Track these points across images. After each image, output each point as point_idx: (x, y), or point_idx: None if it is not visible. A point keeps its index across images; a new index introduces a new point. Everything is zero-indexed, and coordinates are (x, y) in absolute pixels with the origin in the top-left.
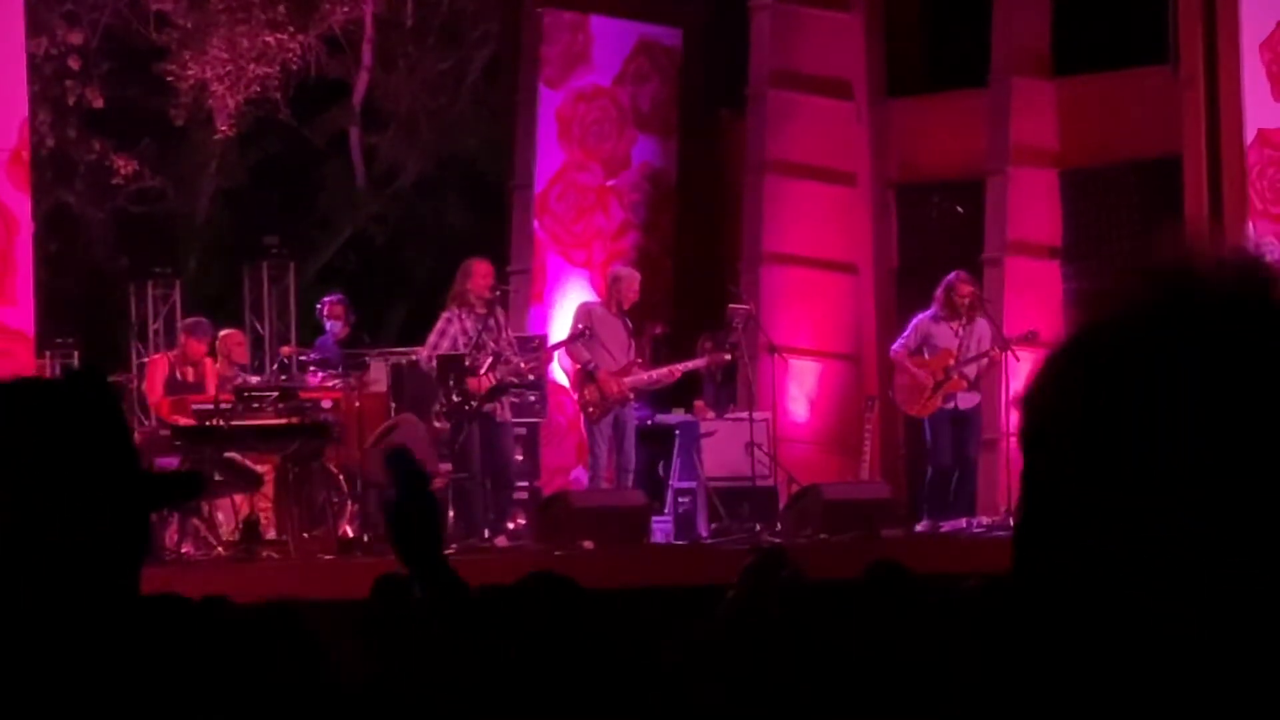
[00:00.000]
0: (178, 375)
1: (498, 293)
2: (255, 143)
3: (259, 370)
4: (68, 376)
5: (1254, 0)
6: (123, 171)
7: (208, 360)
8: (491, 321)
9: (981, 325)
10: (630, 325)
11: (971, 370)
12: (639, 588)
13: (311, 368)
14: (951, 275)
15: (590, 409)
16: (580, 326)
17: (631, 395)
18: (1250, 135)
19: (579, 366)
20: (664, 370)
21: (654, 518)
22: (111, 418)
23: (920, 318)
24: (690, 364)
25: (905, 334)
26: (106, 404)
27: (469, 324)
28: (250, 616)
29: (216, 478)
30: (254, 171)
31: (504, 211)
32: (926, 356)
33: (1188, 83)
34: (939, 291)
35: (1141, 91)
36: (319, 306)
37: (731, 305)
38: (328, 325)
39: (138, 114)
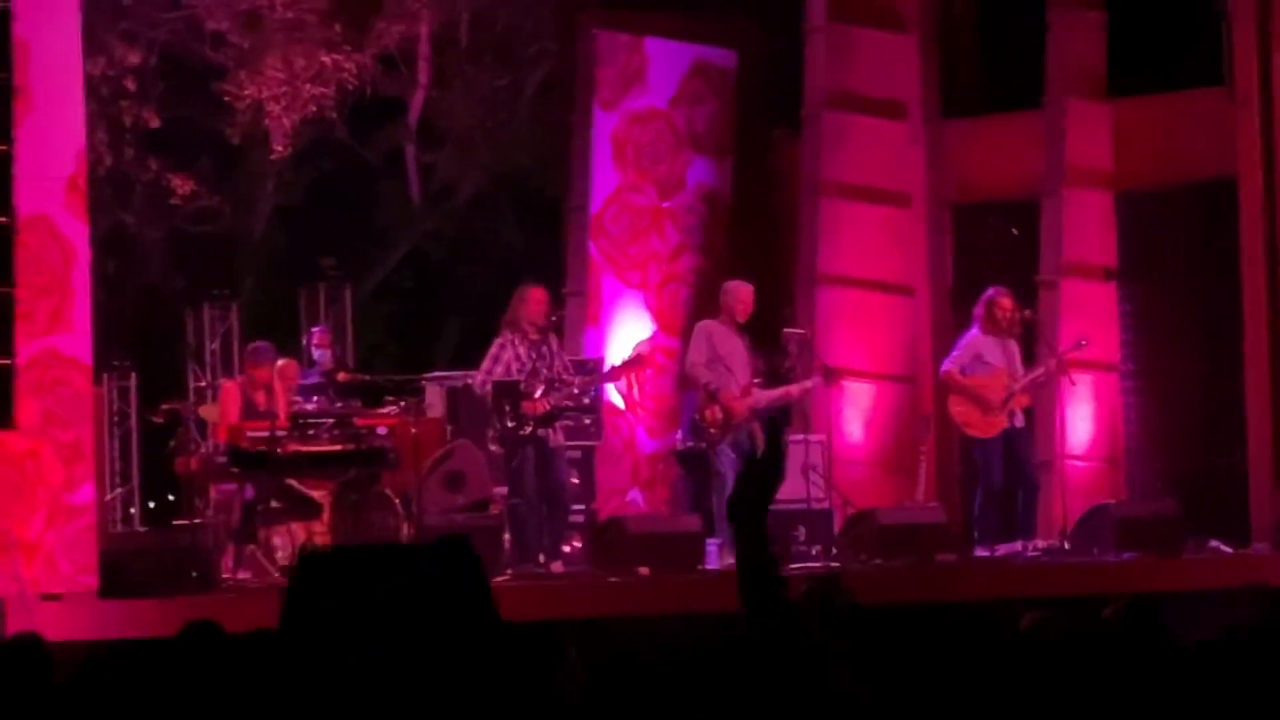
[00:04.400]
0: (252, 400)
1: (553, 319)
2: (311, 161)
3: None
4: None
5: None
6: (180, 191)
7: (277, 384)
8: (545, 348)
9: (1014, 346)
10: (749, 340)
11: (1031, 387)
12: (693, 613)
13: (313, 397)
14: (991, 291)
15: (712, 430)
16: (701, 348)
17: (754, 416)
18: None
19: (701, 388)
20: (785, 389)
21: (708, 540)
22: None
23: (970, 336)
24: (807, 384)
25: (956, 353)
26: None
27: (523, 350)
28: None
29: (273, 505)
30: (310, 190)
31: (559, 229)
32: (977, 374)
33: (1243, 104)
34: (980, 309)
35: (1197, 113)
36: (306, 337)
37: (786, 330)
38: (316, 355)
39: (194, 134)
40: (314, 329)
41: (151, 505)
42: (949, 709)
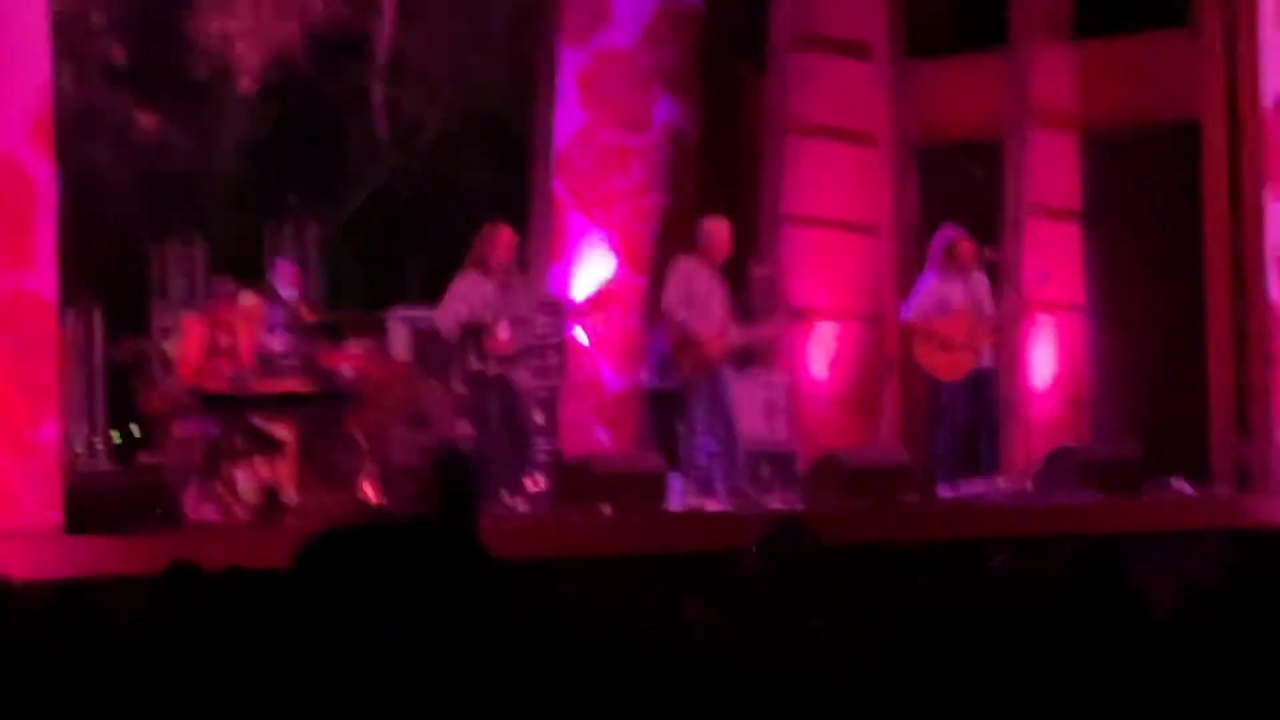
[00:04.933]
0: (215, 339)
1: (516, 257)
2: (278, 97)
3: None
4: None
5: None
6: (144, 126)
7: (240, 322)
8: (511, 288)
9: (979, 278)
10: (725, 280)
11: (998, 326)
12: (656, 554)
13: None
14: (949, 231)
15: (690, 374)
16: (679, 288)
17: (730, 356)
18: (1269, 100)
19: (676, 329)
20: (757, 330)
21: (674, 478)
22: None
23: (929, 280)
24: (778, 325)
25: (915, 299)
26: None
27: (488, 289)
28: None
29: (237, 442)
30: (277, 126)
31: (526, 168)
32: (940, 318)
33: (1206, 47)
34: (937, 251)
35: (1162, 55)
36: (271, 271)
37: (752, 269)
38: (284, 292)
39: (160, 70)
40: (279, 261)
41: (119, 441)
42: (920, 649)
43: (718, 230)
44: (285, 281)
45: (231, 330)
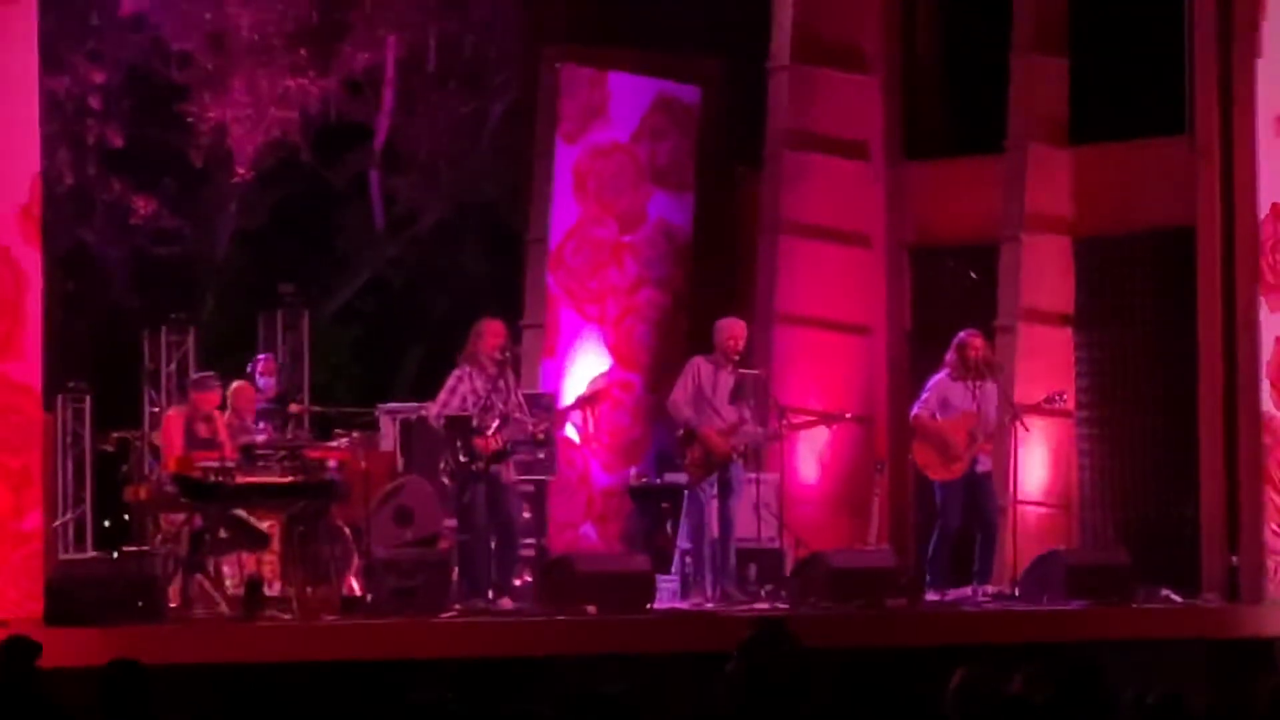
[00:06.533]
0: (194, 431)
1: (508, 354)
2: (275, 184)
3: (272, 417)
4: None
5: (1271, 73)
6: (141, 211)
7: (218, 414)
8: (501, 383)
9: (990, 388)
10: (739, 377)
11: (992, 434)
12: (641, 654)
13: (260, 424)
14: (963, 334)
15: (692, 469)
16: (689, 385)
17: (737, 455)
18: (1265, 209)
19: (681, 424)
20: (758, 431)
21: (660, 577)
22: None
23: (937, 379)
24: (777, 428)
25: (924, 396)
26: None
27: (479, 384)
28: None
29: (222, 535)
30: (273, 213)
31: (520, 260)
32: (942, 419)
33: (1203, 154)
34: (950, 352)
35: (1158, 162)
36: (251, 365)
37: (740, 370)
38: (261, 383)
39: (158, 154)
40: (260, 356)
41: (106, 525)
42: None
43: (732, 328)
44: (261, 373)
45: (211, 422)
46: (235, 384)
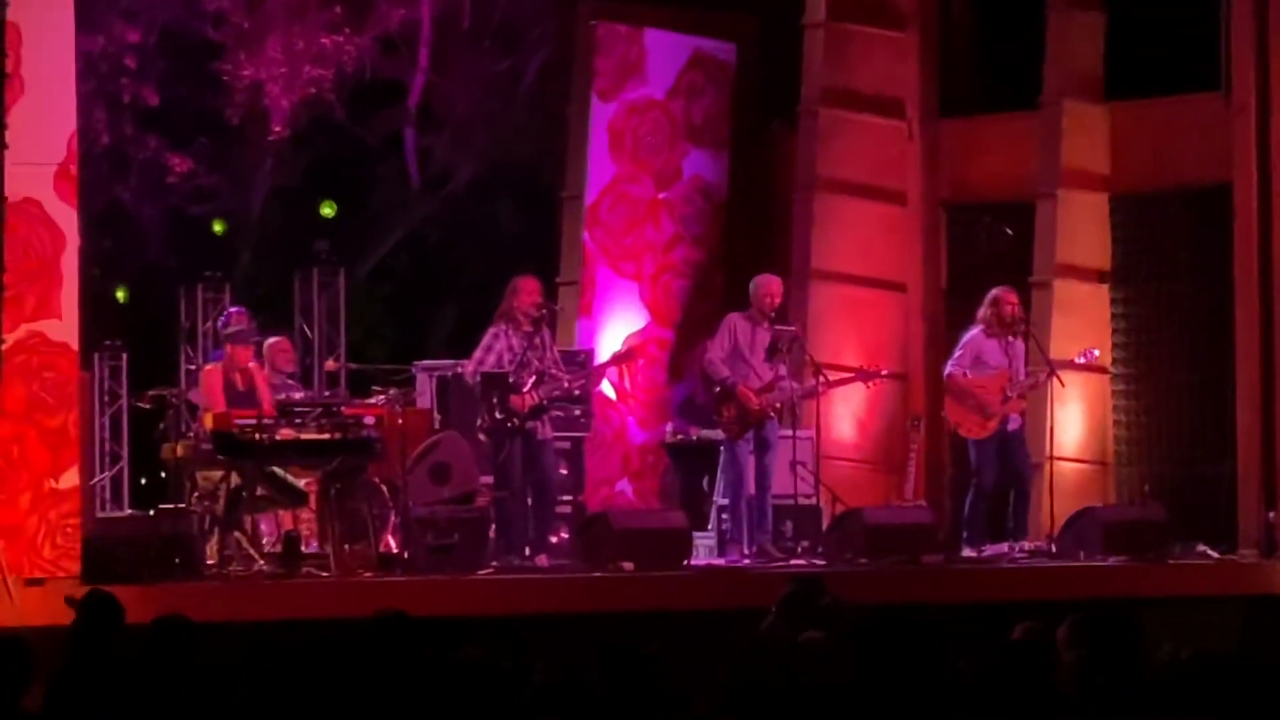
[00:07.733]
0: (232, 381)
1: (544, 311)
2: (310, 143)
3: (307, 378)
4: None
5: None
6: (177, 170)
7: (255, 368)
8: (537, 340)
9: (1020, 345)
10: (775, 334)
11: (1027, 392)
12: (677, 611)
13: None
14: (997, 290)
15: (729, 427)
16: (725, 343)
17: (773, 412)
18: None
19: (719, 382)
20: (792, 389)
21: (696, 533)
22: None
23: (971, 335)
24: (812, 385)
25: (957, 354)
26: None
27: (515, 341)
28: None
29: (259, 492)
30: (308, 172)
31: (555, 218)
32: (975, 376)
33: (1239, 110)
34: (984, 308)
35: (1194, 117)
36: (224, 318)
37: (776, 327)
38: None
39: (193, 113)
40: (230, 310)
41: (143, 483)
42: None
43: (770, 284)
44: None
45: (248, 374)
46: (271, 339)
